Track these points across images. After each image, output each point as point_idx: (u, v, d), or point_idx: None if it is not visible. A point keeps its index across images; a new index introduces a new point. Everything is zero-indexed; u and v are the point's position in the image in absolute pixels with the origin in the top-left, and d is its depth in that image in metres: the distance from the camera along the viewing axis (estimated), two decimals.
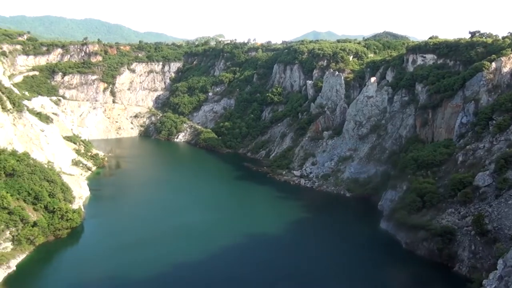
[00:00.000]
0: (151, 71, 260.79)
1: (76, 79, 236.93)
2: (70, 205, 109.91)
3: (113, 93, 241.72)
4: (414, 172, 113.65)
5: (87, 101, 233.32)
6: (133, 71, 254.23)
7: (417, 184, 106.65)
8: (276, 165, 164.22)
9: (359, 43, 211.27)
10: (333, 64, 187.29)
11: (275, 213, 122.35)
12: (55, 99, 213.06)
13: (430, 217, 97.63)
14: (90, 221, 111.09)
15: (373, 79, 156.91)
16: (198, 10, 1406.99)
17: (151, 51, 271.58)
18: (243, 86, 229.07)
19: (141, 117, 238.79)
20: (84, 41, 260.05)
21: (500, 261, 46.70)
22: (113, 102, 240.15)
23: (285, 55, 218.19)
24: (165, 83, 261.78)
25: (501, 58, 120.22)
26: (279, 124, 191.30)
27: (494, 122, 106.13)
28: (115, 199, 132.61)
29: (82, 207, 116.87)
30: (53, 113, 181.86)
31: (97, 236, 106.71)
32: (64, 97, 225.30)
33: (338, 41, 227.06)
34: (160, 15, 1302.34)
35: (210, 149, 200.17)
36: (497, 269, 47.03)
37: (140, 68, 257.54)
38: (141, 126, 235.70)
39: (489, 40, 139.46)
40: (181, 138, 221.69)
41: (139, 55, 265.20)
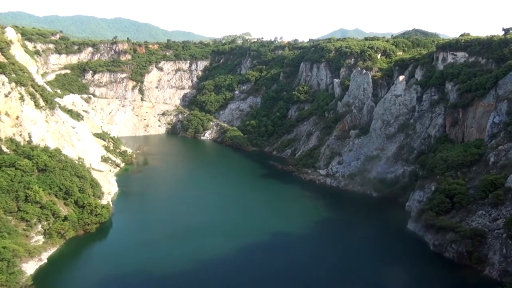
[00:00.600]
0: (178, 70, 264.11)
1: (105, 77, 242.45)
2: (99, 201, 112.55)
3: (141, 91, 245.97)
4: (443, 172, 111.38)
5: (116, 98, 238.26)
6: (161, 70, 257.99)
7: (446, 185, 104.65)
8: (301, 163, 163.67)
9: (387, 41, 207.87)
10: (361, 62, 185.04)
11: (300, 212, 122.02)
12: (86, 96, 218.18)
13: (459, 219, 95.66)
14: (118, 216, 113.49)
15: (401, 78, 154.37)
16: (225, 8, 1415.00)
17: (179, 50, 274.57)
18: (269, 84, 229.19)
19: (168, 115, 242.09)
20: (114, 40, 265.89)
21: None
22: (141, 100, 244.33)
23: (312, 53, 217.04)
24: (192, 81, 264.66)
25: None
26: (305, 122, 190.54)
27: None
28: (143, 195, 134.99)
29: (110, 203, 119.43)
30: (84, 111, 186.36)
31: (125, 231, 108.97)
32: (94, 95, 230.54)
33: (366, 39, 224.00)
34: (188, 13, 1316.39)
35: (235, 147, 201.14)
36: None
37: (168, 66, 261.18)
38: (168, 123, 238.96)
39: None
40: (207, 136, 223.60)
41: (167, 53, 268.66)
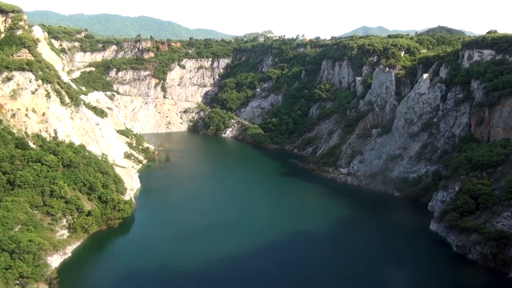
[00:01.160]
0: (200, 67, 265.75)
1: (129, 75, 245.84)
2: (122, 196, 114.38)
3: (163, 89, 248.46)
4: (467, 172, 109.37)
5: (139, 96, 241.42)
6: (183, 67, 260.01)
7: (470, 185, 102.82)
8: (322, 162, 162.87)
9: (411, 38, 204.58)
10: (384, 60, 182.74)
11: (321, 211, 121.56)
12: (110, 94, 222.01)
13: (484, 220, 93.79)
14: (140, 212, 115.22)
15: (425, 76, 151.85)
16: (247, 6, 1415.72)
17: (201, 48, 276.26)
18: (290, 82, 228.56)
19: (190, 112, 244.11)
20: (137, 38, 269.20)
21: None
22: (164, 97, 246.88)
23: (334, 51, 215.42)
24: (213, 79, 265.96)
25: None
26: (327, 120, 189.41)
27: None
28: (165, 192, 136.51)
29: (133, 199, 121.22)
30: (108, 108, 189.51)
31: (147, 226, 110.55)
32: (117, 92, 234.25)
33: (389, 37, 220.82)
34: (210, 11, 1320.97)
35: (256, 144, 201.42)
36: None
37: (190, 64, 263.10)
38: (190, 121, 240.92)
39: None
40: (229, 133, 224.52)
41: (189, 51, 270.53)
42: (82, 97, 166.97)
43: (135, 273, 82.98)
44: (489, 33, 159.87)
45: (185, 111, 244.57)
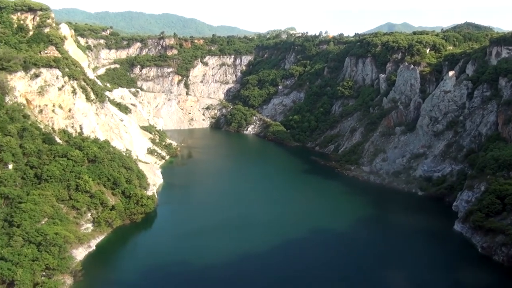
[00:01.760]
0: (223, 64, 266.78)
1: (153, 71, 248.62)
2: (145, 192, 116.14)
3: (186, 85, 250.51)
4: (494, 172, 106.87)
5: (162, 92, 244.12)
6: (206, 64, 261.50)
7: (497, 185, 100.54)
8: (344, 160, 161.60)
9: (437, 35, 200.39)
10: (408, 57, 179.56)
11: (343, 209, 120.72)
12: (134, 90, 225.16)
13: (510, 221, 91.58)
14: (163, 207, 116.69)
15: (451, 73, 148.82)
16: (270, 3, 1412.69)
17: (224, 45, 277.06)
18: (313, 79, 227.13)
19: (212, 109, 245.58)
20: (161, 35, 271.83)
21: None
22: (187, 94, 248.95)
23: (358, 48, 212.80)
24: (236, 76, 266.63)
25: None
26: (349, 118, 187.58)
27: None
28: (187, 187, 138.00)
29: (155, 194, 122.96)
30: (132, 104, 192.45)
31: (169, 222, 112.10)
32: (141, 89, 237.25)
33: (414, 33, 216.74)
34: (233, 8, 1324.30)
35: (278, 142, 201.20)
36: None
37: (212, 61, 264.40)
38: (212, 117, 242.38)
39: None
40: (250, 130, 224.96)
41: (212, 48, 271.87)
42: (107, 93, 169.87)
43: (157, 267, 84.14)
44: None
45: (208, 108, 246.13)
